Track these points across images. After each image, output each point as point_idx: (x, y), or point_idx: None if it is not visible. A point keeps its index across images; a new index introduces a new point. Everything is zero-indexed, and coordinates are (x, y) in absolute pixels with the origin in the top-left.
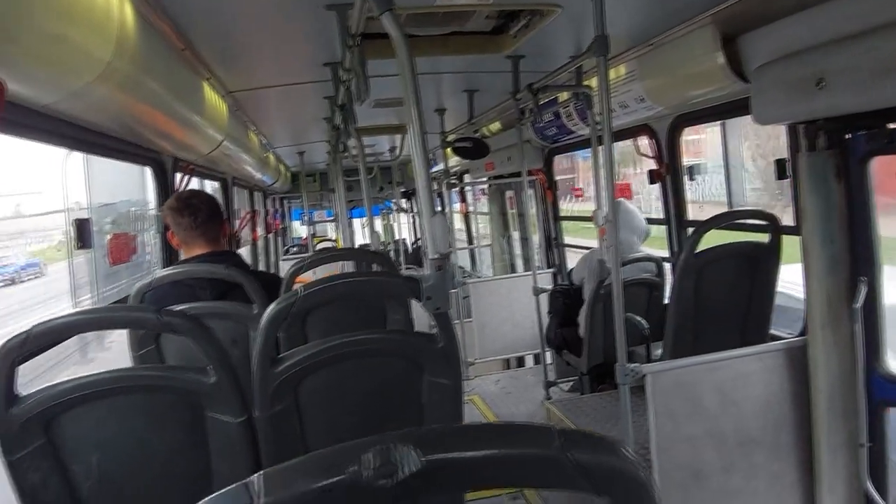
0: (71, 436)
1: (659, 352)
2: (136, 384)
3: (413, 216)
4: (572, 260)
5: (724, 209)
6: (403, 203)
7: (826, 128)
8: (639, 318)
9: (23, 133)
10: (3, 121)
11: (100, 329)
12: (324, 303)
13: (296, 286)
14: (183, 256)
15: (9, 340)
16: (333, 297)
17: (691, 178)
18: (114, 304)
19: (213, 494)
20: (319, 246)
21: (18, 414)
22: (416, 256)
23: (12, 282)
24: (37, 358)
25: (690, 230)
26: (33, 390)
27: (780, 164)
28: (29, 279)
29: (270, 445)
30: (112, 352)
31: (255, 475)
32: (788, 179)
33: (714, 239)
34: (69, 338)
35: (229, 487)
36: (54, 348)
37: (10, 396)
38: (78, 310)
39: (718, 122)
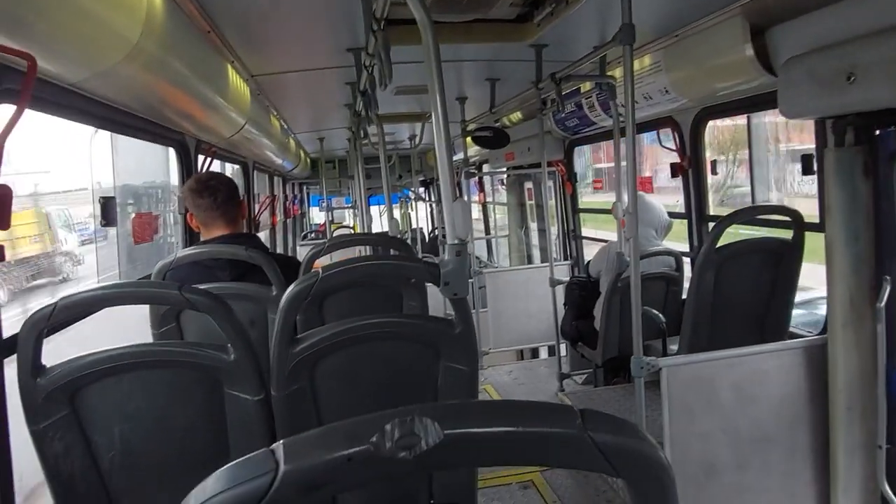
0: (94, 407)
1: (675, 347)
2: (158, 359)
3: (430, 205)
4: (589, 252)
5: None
6: (421, 192)
7: (855, 123)
8: (655, 312)
9: (52, 110)
10: (33, 98)
11: (124, 304)
12: (343, 285)
13: (313, 271)
14: (202, 238)
15: (35, 313)
16: (353, 278)
17: (713, 173)
18: (139, 280)
19: (239, 459)
20: (337, 232)
21: (44, 385)
22: (432, 245)
23: (91, 241)
24: None
25: (711, 225)
26: (58, 362)
27: (806, 159)
28: (99, 241)
29: (286, 424)
30: None
31: (278, 443)
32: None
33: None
34: (95, 311)
35: (255, 453)
36: None
37: (36, 367)
38: (103, 284)
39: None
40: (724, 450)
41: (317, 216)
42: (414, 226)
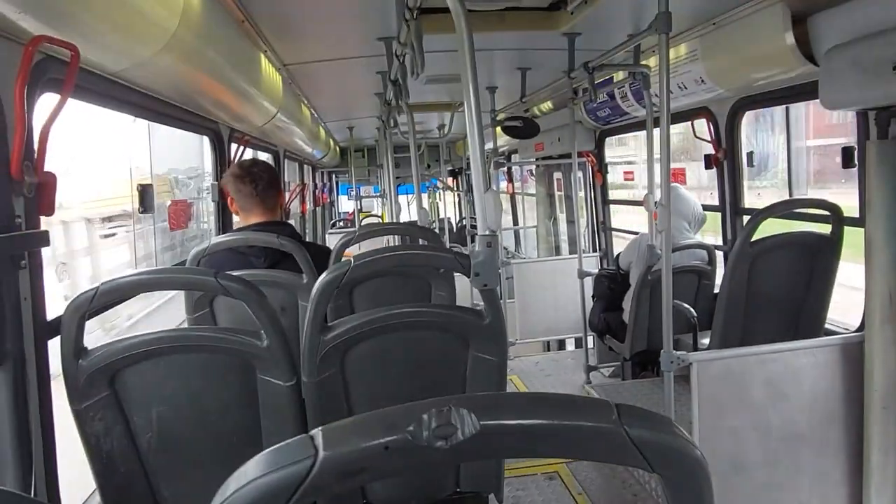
0: (134, 389)
1: (705, 341)
2: (194, 344)
3: (458, 195)
4: (618, 245)
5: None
6: (450, 182)
7: None
8: (687, 306)
9: (93, 99)
10: (76, 87)
11: (162, 289)
12: (374, 273)
13: (344, 259)
14: (240, 223)
15: (78, 297)
16: (384, 267)
17: (750, 165)
18: (176, 267)
19: (280, 443)
20: (365, 221)
21: (86, 366)
22: (460, 235)
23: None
24: None
25: (746, 219)
26: (99, 344)
27: (846, 152)
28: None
29: (316, 409)
30: None
31: (317, 429)
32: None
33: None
34: (134, 295)
35: (294, 438)
36: None
37: (78, 349)
38: (142, 269)
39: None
40: (753, 446)
41: (344, 205)
42: (441, 216)
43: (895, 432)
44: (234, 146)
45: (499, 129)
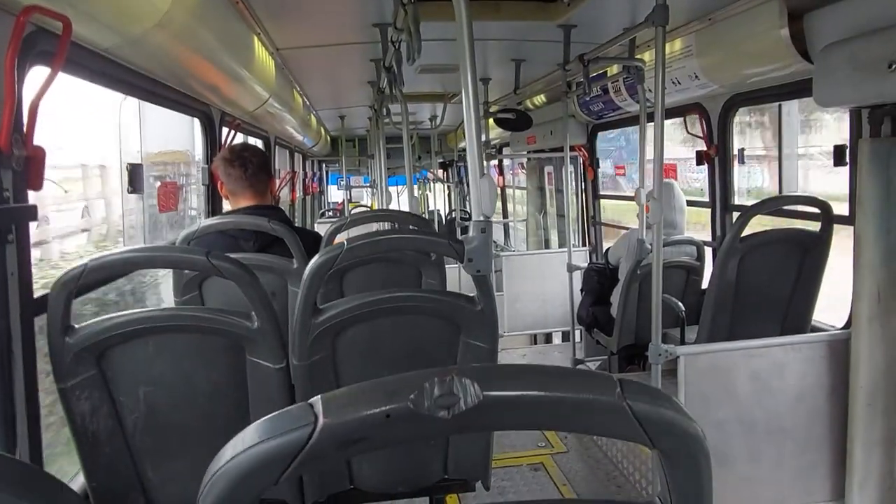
0: (120, 368)
1: (692, 336)
2: (184, 324)
3: (449, 187)
4: (608, 239)
5: None
6: (440, 173)
7: (893, 113)
8: (675, 300)
9: (84, 74)
10: (66, 61)
11: (152, 267)
12: (367, 257)
13: (336, 244)
14: (229, 207)
15: (66, 273)
16: (377, 251)
17: (741, 162)
18: (167, 245)
19: (280, 410)
20: (355, 211)
21: (73, 344)
22: (450, 227)
23: None
24: None
25: (736, 215)
26: (87, 322)
27: (838, 150)
28: None
29: (305, 393)
30: None
31: (317, 397)
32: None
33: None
34: (124, 274)
35: (293, 406)
36: None
37: (65, 327)
38: (132, 247)
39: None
40: (738, 440)
41: (334, 195)
42: (431, 208)
43: (879, 429)
44: (224, 130)
45: (491, 121)
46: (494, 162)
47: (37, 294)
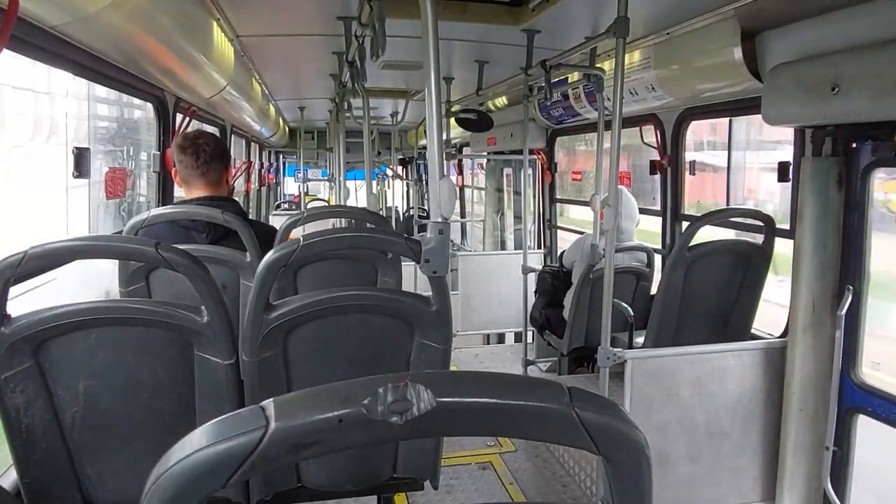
0: (60, 361)
1: (640, 340)
2: (130, 316)
3: (407, 184)
4: (563, 243)
5: None
6: (400, 170)
7: (834, 134)
8: (625, 305)
9: (31, 52)
10: (12, 38)
11: (97, 257)
12: (323, 254)
13: (290, 240)
14: (184, 196)
15: (3, 260)
16: (333, 248)
17: (692, 173)
18: (113, 234)
19: (230, 413)
20: (311, 204)
21: (8, 334)
22: (407, 225)
23: None
24: None
25: (685, 224)
26: (25, 312)
27: (782, 166)
28: None
29: (255, 390)
30: None
31: (269, 400)
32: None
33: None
34: (65, 263)
35: (244, 409)
36: None
37: (1, 316)
38: (76, 236)
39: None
40: (679, 442)
41: (290, 187)
42: (389, 204)
43: (809, 433)
44: (179, 117)
45: (452, 120)
46: (454, 161)
47: None
